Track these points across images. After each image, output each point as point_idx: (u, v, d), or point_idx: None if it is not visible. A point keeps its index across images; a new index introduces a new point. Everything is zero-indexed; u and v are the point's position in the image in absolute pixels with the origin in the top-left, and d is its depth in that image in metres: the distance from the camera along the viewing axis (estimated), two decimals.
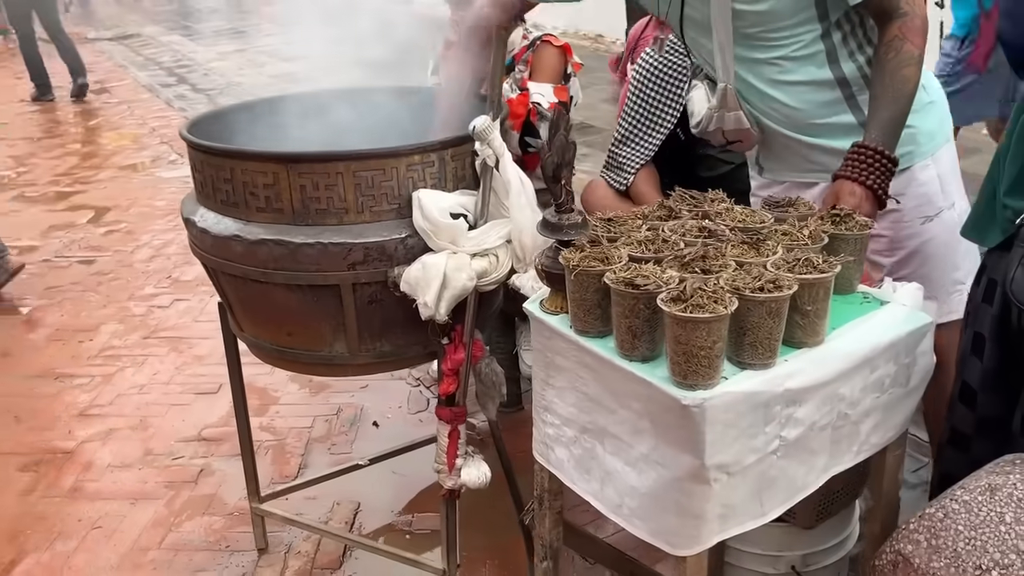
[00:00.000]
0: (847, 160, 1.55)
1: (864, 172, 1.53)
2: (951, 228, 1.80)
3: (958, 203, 1.83)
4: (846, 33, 1.72)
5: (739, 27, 1.69)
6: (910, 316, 1.33)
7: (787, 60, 1.71)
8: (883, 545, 1.29)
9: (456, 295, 1.78)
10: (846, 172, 1.55)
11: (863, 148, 1.57)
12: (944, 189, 1.82)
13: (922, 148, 1.78)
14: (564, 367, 1.37)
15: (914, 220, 1.81)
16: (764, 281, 1.15)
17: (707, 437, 1.14)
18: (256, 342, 2.03)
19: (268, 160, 1.77)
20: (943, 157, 1.82)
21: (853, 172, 1.53)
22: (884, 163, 1.55)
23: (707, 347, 1.11)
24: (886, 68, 1.59)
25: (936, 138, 1.80)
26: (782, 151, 1.84)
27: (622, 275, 1.19)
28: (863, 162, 1.55)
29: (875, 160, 1.56)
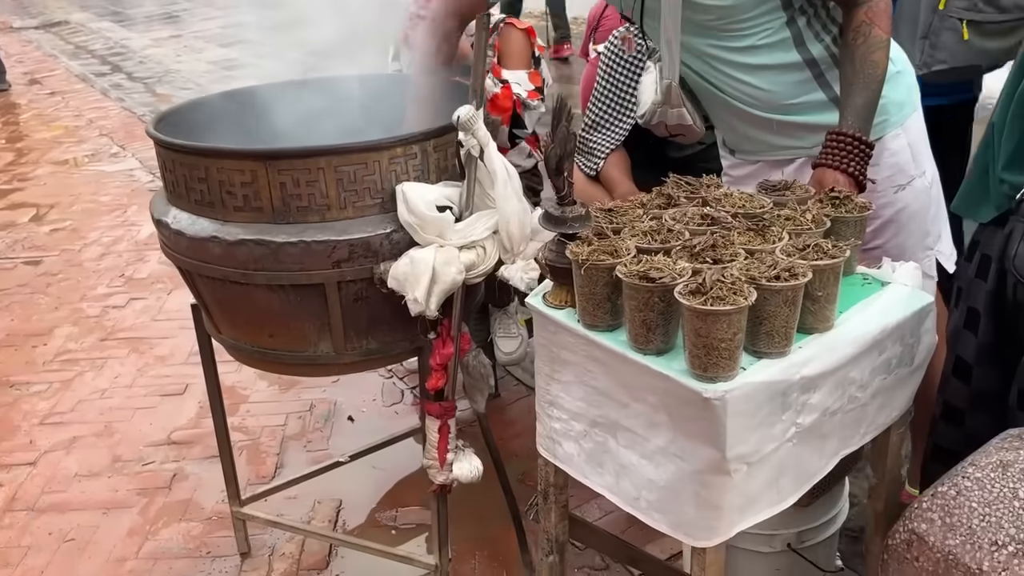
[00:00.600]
0: (825, 147, 1.56)
1: (844, 159, 1.54)
2: (922, 195, 1.84)
3: (928, 170, 1.86)
4: (810, 17, 1.71)
5: (704, 20, 1.67)
6: (913, 296, 1.34)
7: (755, 48, 1.70)
8: (896, 525, 1.30)
9: (446, 289, 1.75)
10: (826, 160, 1.55)
11: (840, 135, 1.58)
12: (915, 158, 1.83)
13: (892, 118, 1.79)
14: (571, 361, 1.35)
15: (887, 190, 1.82)
16: (780, 270, 1.14)
17: (728, 429, 1.13)
18: (235, 344, 1.96)
19: (245, 157, 1.71)
20: (912, 125, 1.84)
21: (833, 160, 1.54)
22: (862, 148, 1.56)
23: (728, 339, 1.10)
24: (856, 54, 1.60)
25: (905, 108, 1.82)
26: (754, 132, 1.83)
27: (635, 268, 1.17)
28: (842, 149, 1.56)
29: (853, 146, 1.57)
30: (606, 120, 2.63)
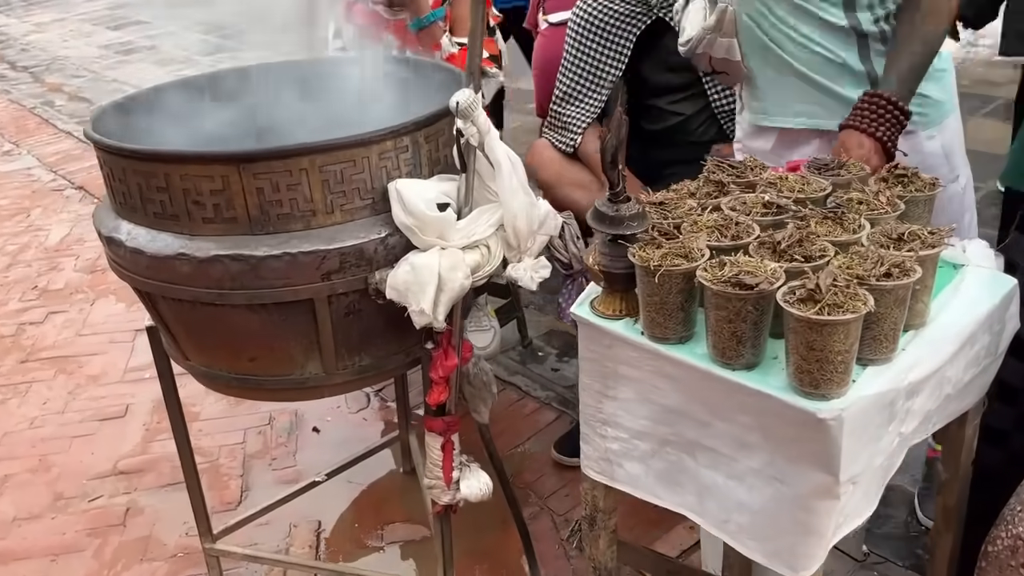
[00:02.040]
0: (857, 108, 1.44)
1: (874, 123, 1.43)
2: (955, 199, 1.73)
3: (963, 173, 1.75)
4: None
5: None
6: (996, 280, 1.24)
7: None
8: (994, 530, 1.21)
9: (453, 297, 1.56)
10: (855, 122, 1.44)
11: (876, 97, 1.46)
12: (950, 161, 1.72)
13: (928, 117, 1.68)
14: (631, 377, 1.19)
15: None
16: (889, 266, 1.01)
17: (843, 451, 1.00)
18: (208, 372, 1.73)
19: (215, 161, 1.47)
20: (949, 127, 1.72)
21: (863, 122, 1.43)
22: (896, 115, 1.45)
23: (844, 351, 0.96)
24: (917, 14, 1.47)
25: (944, 107, 1.70)
26: (780, 88, 1.70)
27: (723, 274, 1.02)
28: (874, 111, 1.44)
29: (887, 111, 1.45)
30: (579, 92, 2.47)
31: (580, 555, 1.41)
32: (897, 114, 1.47)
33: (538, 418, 2.77)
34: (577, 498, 2.42)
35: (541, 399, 2.85)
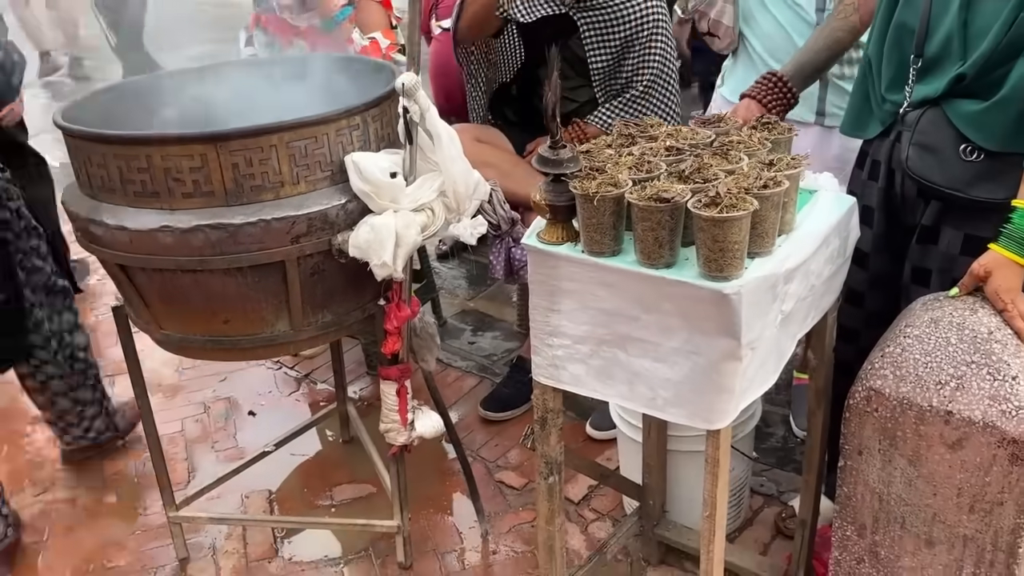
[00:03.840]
0: (756, 82, 1.82)
1: (766, 95, 1.82)
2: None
3: None
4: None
5: None
6: (840, 199, 1.61)
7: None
8: (853, 387, 1.57)
9: (409, 251, 1.83)
10: (750, 91, 1.82)
11: (773, 75, 1.86)
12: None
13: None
14: (573, 290, 1.49)
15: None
16: (766, 179, 1.35)
17: (743, 319, 1.33)
18: (183, 338, 1.92)
19: (194, 141, 1.68)
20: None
21: (756, 92, 1.81)
22: (785, 92, 1.84)
23: (740, 240, 1.29)
24: (830, 23, 1.88)
25: None
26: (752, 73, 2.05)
27: (646, 193, 1.34)
28: (767, 86, 1.84)
29: (778, 87, 1.84)
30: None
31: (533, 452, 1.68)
32: (786, 91, 1.85)
33: (461, 384, 3.04)
34: (504, 447, 2.71)
35: (462, 368, 3.11)
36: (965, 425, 1.43)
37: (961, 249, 1.67)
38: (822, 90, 2.29)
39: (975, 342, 1.46)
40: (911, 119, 1.67)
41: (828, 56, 1.94)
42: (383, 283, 1.91)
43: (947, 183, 1.63)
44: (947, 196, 1.64)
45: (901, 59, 1.69)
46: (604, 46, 2.68)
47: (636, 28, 2.64)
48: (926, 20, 1.63)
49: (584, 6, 2.65)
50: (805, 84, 1.94)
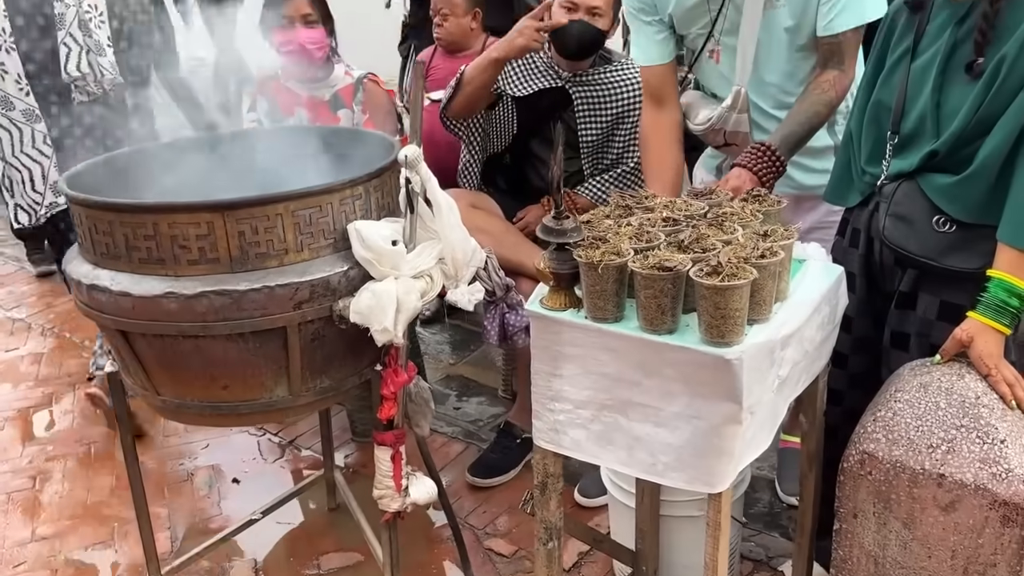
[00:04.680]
0: (746, 152, 1.91)
1: (756, 163, 1.90)
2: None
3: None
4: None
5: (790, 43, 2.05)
6: (829, 268, 1.68)
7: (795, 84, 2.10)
8: (846, 451, 1.61)
9: (409, 317, 1.86)
10: (741, 160, 1.91)
11: (762, 144, 1.96)
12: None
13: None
14: (576, 355, 1.53)
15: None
16: (763, 249, 1.41)
17: (744, 384, 1.37)
18: (181, 404, 1.92)
19: (202, 210, 1.72)
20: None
21: (747, 161, 1.89)
22: (774, 160, 1.94)
23: (740, 308, 1.35)
24: (808, 98, 2.01)
25: None
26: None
27: (649, 263, 1.39)
28: (757, 155, 1.94)
29: (767, 156, 1.94)
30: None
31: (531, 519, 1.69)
32: (775, 160, 1.95)
33: (447, 450, 3.04)
34: (493, 513, 2.71)
35: (448, 434, 3.12)
36: (957, 488, 1.47)
37: (938, 315, 1.75)
38: None
39: (963, 406, 1.51)
40: (888, 191, 1.75)
41: (810, 128, 2.05)
42: (381, 348, 1.93)
43: (922, 252, 1.71)
44: (922, 264, 1.72)
45: (879, 135, 1.79)
46: (596, 120, 2.79)
47: (628, 105, 2.75)
48: (902, 100, 1.73)
49: (579, 80, 2.76)
50: (791, 153, 2.03)
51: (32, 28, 2.91)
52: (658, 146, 2.24)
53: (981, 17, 1.55)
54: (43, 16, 2.89)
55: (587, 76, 2.77)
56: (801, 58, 2.08)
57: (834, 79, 2.03)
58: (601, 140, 2.83)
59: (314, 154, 2.19)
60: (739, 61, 2.08)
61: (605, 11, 2.63)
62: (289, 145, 2.25)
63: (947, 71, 1.65)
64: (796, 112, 2.04)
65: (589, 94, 2.77)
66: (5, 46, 2.89)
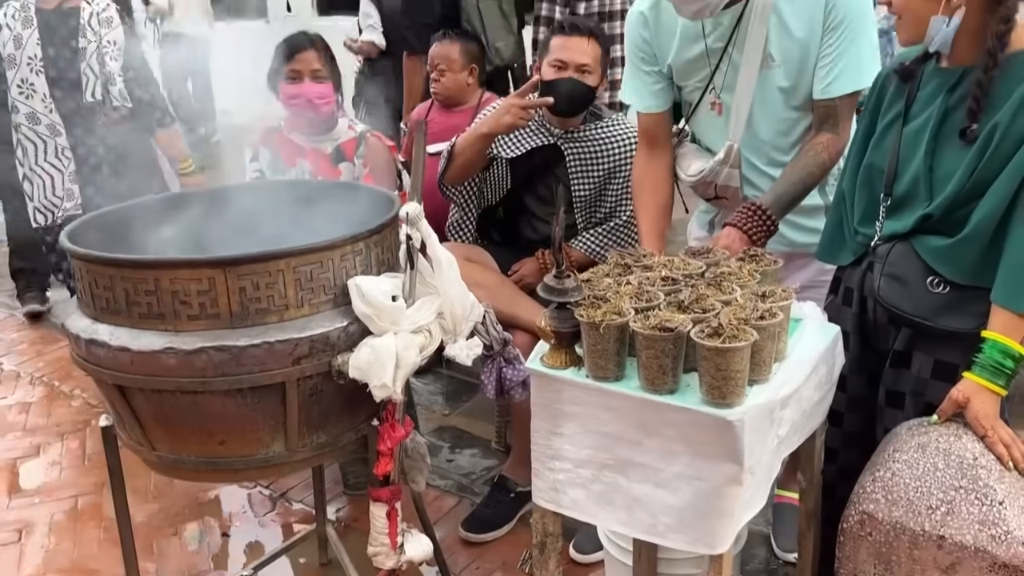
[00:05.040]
0: (737, 211, 1.93)
1: (747, 223, 1.92)
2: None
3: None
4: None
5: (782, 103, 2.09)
6: (826, 328, 1.70)
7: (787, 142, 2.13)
8: (846, 511, 1.62)
9: (408, 372, 1.86)
10: (733, 220, 1.92)
11: (754, 205, 1.97)
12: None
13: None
14: (576, 414, 1.53)
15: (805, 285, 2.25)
16: (763, 311, 1.43)
17: (745, 445, 1.38)
18: (177, 459, 1.90)
19: (203, 266, 1.73)
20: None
21: (738, 221, 1.91)
22: (765, 220, 1.96)
23: (741, 370, 1.36)
24: (802, 159, 2.03)
25: None
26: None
27: (651, 323, 1.40)
28: (749, 215, 1.95)
29: (759, 216, 1.96)
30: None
31: None
32: (766, 220, 1.97)
33: (440, 504, 3.01)
34: (487, 569, 2.68)
35: (441, 487, 3.09)
36: (958, 550, 1.47)
37: (932, 374, 1.76)
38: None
39: (962, 467, 1.52)
40: (882, 251, 1.78)
41: (803, 188, 2.08)
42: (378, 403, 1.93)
43: (916, 312, 1.73)
44: (917, 324, 1.74)
45: (871, 196, 1.82)
46: (588, 175, 2.82)
47: (620, 160, 2.79)
48: (894, 163, 1.77)
49: (571, 137, 2.80)
50: (783, 213, 2.06)
51: (61, 57, 3.43)
52: (651, 186, 2.28)
53: (975, 85, 1.59)
54: (70, 48, 3.43)
55: (578, 132, 2.81)
56: (795, 118, 2.12)
57: (828, 141, 2.07)
58: (594, 195, 2.86)
59: (312, 208, 2.21)
60: (733, 117, 2.12)
61: (594, 68, 2.69)
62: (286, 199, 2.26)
63: (939, 136, 1.69)
64: (789, 173, 2.08)
65: (581, 150, 2.81)
66: (35, 69, 3.39)
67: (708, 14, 1.98)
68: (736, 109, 2.11)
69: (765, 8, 2.02)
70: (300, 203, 2.26)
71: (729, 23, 2.06)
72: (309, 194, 2.32)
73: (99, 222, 2.10)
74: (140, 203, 2.23)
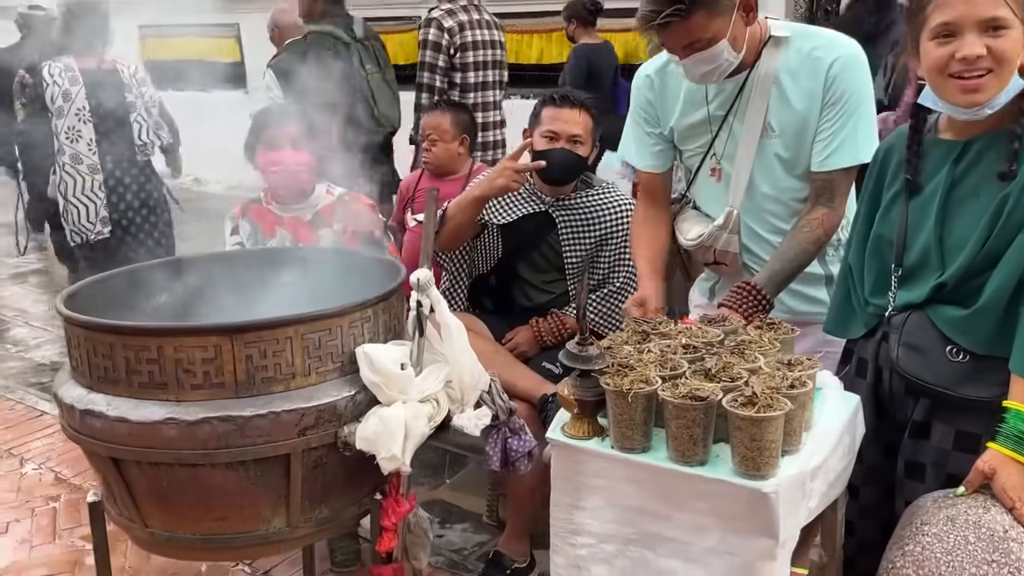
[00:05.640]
0: (732, 291, 1.93)
1: (741, 304, 1.91)
2: None
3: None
4: None
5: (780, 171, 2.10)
6: (847, 397, 1.68)
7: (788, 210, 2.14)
8: None
9: (417, 443, 1.80)
10: (727, 301, 1.92)
11: (747, 285, 1.96)
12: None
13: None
14: (599, 487, 1.49)
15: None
16: (793, 379, 1.41)
17: (780, 518, 1.34)
18: (171, 537, 1.81)
19: (210, 333, 1.67)
20: None
21: (732, 302, 1.91)
22: (760, 299, 1.94)
23: (776, 439, 1.33)
24: (797, 236, 2.03)
25: None
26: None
27: (681, 391, 1.37)
28: (743, 295, 1.93)
29: (753, 296, 1.94)
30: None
31: None
32: (760, 299, 1.96)
33: None
34: None
35: (432, 564, 2.98)
36: None
37: (953, 444, 1.74)
38: None
39: (992, 540, 1.49)
40: (897, 321, 1.77)
41: (798, 266, 2.07)
42: (380, 477, 1.87)
43: (937, 382, 1.72)
44: (937, 394, 1.73)
45: (882, 267, 1.82)
46: (580, 243, 2.82)
47: (611, 228, 2.79)
48: (903, 234, 1.78)
49: (562, 205, 2.80)
50: (777, 291, 2.05)
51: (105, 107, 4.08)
52: (649, 232, 2.29)
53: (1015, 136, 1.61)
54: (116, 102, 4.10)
55: (569, 200, 2.82)
56: (796, 187, 2.14)
57: (823, 217, 2.07)
58: (585, 261, 2.86)
59: (307, 275, 2.17)
60: (733, 183, 2.14)
61: (585, 139, 2.71)
62: (279, 267, 2.23)
63: (947, 207, 1.70)
64: (785, 250, 2.07)
65: (572, 217, 2.81)
66: (83, 118, 4.05)
67: (715, 79, 2.00)
68: (736, 176, 2.13)
69: (767, 79, 2.05)
70: (295, 270, 2.22)
71: (731, 91, 2.09)
72: (303, 261, 2.28)
73: (92, 289, 2.04)
74: (135, 269, 2.17)
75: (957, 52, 1.60)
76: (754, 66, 2.06)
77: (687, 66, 1.97)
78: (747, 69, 2.07)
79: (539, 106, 2.77)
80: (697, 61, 1.93)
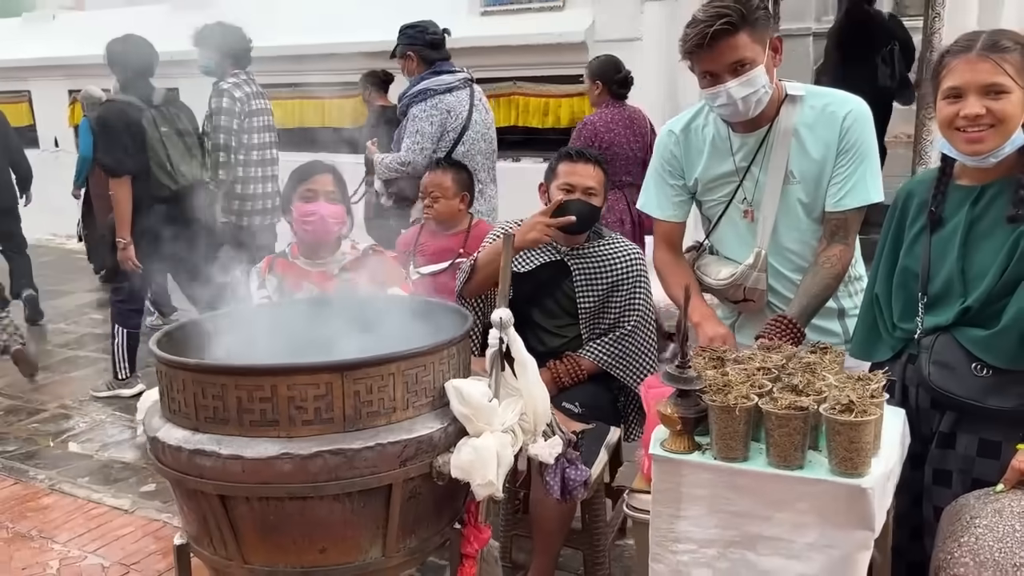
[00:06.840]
0: (768, 324, 2.15)
1: (776, 335, 2.13)
2: None
3: None
4: None
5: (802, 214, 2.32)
6: (896, 412, 1.89)
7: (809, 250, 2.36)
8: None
9: (507, 470, 1.93)
10: (765, 334, 2.14)
11: (782, 318, 2.18)
12: None
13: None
14: (701, 496, 1.65)
15: None
16: (871, 390, 1.61)
17: (876, 510, 1.53)
18: (271, 571, 1.88)
19: (322, 371, 1.78)
20: None
21: (771, 334, 2.13)
22: (793, 330, 2.16)
23: (870, 441, 1.52)
24: (820, 272, 2.26)
25: None
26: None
27: (781, 404, 1.56)
28: (778, 328, 2.15)
29: (787, 328, 2.16)
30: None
31: None
32: (795, 330, 2.18)
33: None
34: None
35: None
36: None
37: (978, 451, 1.97)
38: None
39: None
40: (927, 342, 2.01)
41: (823, 300, 2.32)
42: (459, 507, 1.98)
43: (965, 394, 1.95)
44: (964, 405, 1.96)
45: (908, 296, 2.07)
46: (592, 289, 3.01)
47: (622, 275, 3.00)
48: (927, 266, 2.03)
49: (576, 254, 3.00)
50: (807, 323, 2.29)
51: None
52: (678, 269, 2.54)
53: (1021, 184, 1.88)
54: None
55: (583, 249, 3.02)
56: (816, 229, 2.39)
57: (840, 253, 2.33)
58: (598, 307, 3.05)
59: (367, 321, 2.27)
60: (760, 226, 2.37)
61: (598, 191, 2.93)
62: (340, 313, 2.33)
63: (967, 242, 1.96)
64: (810, 285, 2.31)
65: (586, 265, 3.01)
66: None
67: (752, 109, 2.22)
68: (763, 220, 2.37)
69: (787, 132, 2.31)
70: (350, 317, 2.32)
71: (753, 144, 2.35)
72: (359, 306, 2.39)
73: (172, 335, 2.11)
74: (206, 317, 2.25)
75: (961, 111, 1.88)
76: (774, 121, 2.32)
77: (731, 90, 2.18)
78: (767, 124, 2.32)
79: (555, 161, 2.98)
80: (741, 84, 2.16)
